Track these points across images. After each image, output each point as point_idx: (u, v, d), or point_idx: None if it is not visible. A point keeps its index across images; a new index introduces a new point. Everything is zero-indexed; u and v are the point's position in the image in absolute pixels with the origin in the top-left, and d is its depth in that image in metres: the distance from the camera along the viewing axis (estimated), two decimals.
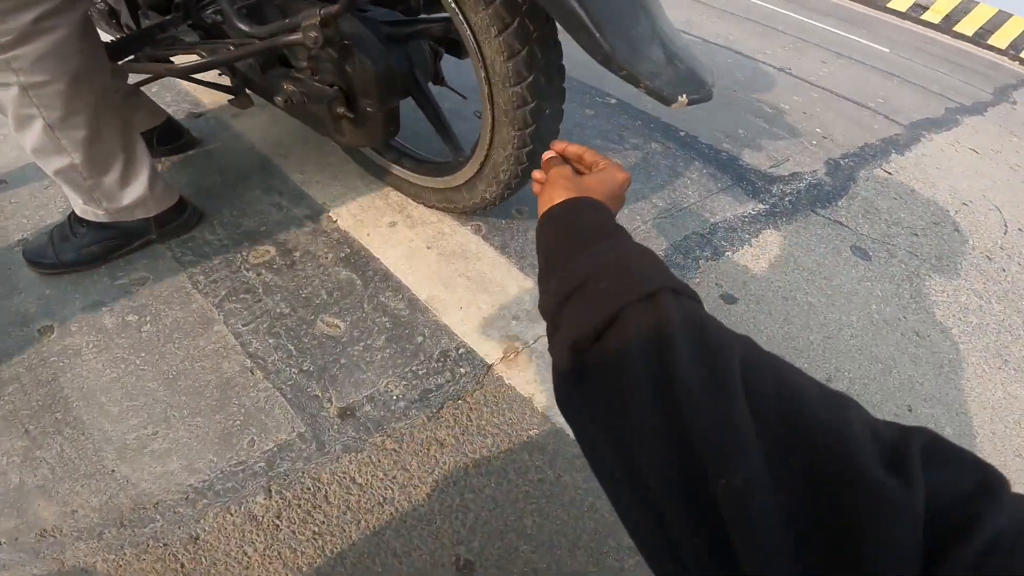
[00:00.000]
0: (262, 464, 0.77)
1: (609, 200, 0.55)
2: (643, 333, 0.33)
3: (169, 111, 1.30)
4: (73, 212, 1.00)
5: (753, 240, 1.44)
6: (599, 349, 0.34)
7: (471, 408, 0.88)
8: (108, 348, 0.88)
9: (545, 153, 0.70)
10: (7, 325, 0.89)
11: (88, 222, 0.98)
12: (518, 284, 1.12)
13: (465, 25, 0.76)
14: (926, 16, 6.51)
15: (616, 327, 0.34)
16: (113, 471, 0.74)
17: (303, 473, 0.77)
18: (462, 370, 0.94)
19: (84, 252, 0.98)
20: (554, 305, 0.40)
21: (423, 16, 0.98)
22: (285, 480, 0.76)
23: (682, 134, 1.89)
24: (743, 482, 0.25)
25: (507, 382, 0.93)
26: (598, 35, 0.61)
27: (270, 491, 0.74)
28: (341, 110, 0.86)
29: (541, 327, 1.03)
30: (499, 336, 1.01)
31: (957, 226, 1.78)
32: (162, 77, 1.04)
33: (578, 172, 0.58)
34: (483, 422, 0.87)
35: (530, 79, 0.77)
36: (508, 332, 1.02)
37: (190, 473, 0.75)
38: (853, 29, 4.71)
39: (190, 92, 1.58)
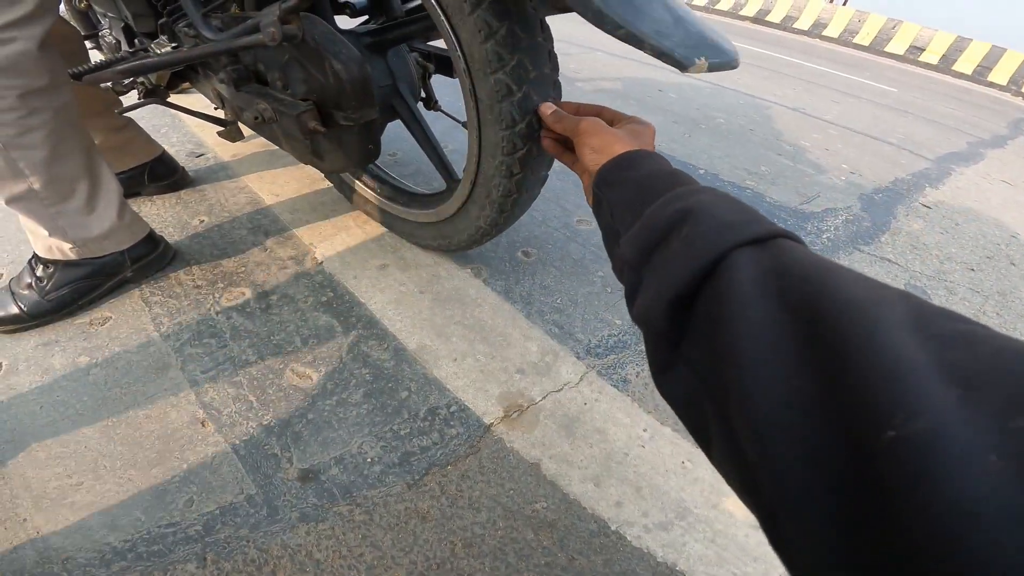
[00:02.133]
0: (198, 528, 0.72)
1: None
2: (763, 276, 0.30)
3: (172, 151, 1.39)
4: (34, 255, 1.01)
5: None
6: (703, 300, 0.33)
7: (462, 476, 0.83)
8: (51, 390, 0.88)
9: (544, 106, 0.77)
10: None
11: (54, 262, 0.99)
12: (523, 333, 1.08)
13: (436, 6, 0.77)
14: (923, 57, 7.36)
15: (723, 273, 0.32)
16: (25, 520, 0.72)
17: (248, 542, 0.71)
18: (453, 431, 0.89)
19: (52, 298, 0.98)
20: (634, 258, 0.39)
21: (397, 18, 1.01)
22: (224, 548, 0.71)
23: (701, 171, 2.00)
24: (928, 429, 0.20)
25: (508, 446, 0.87)
26: None
27: (204, 559, 0.69)
28: (314, 124, 0.88)
29: (550, 381, 0.98)
30: (500, 392, 0.96)
31: (1012, 259, 1.84)
32: (144, 103, 1.11)
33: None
34: (476, 493, 0.81)
35: (513, 63, 0.76)
36: (511, 387, 0.97)
37: (111, 530, 0.71)
38: (857, 72, 5.25)
39: (196, 133, 1.72)
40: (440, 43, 0.90)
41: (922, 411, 0.20)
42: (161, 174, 1.37)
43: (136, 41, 1.16)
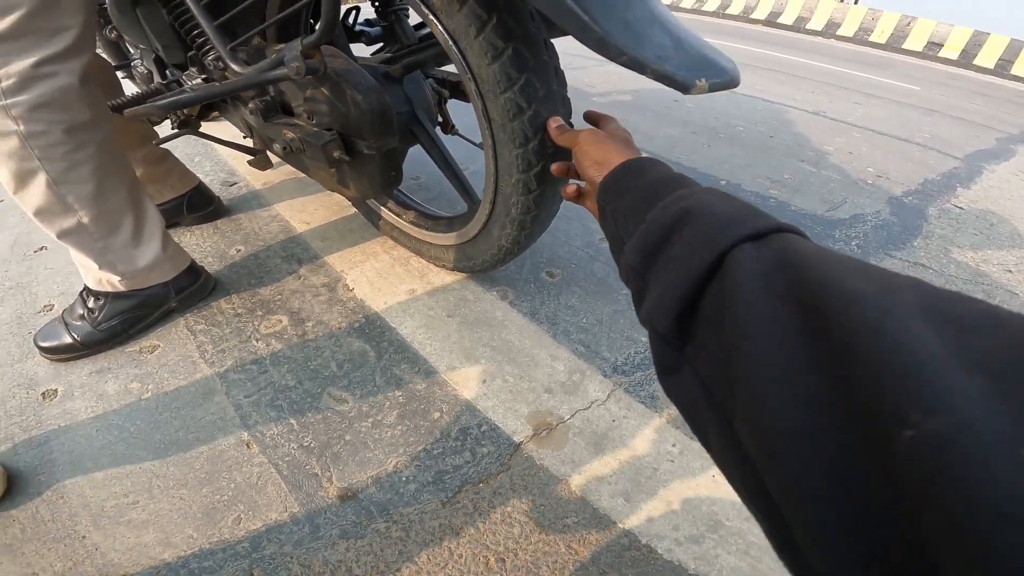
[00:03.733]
0: (246, 544, 0.77)
1: None
2: (766, 272, 0.29)
3: (206, 180, 1.46)
4: (85, 288, 1.07)
5: None
6: (707, 301, 0.32)
7: (494, 493, 0.86)
8: (105, 414, 0.94)
9: (551, 120, 0.80)
10: (14, 387, 1.00)
11: (104, 294, 1.05)
12: (550, 353, 1.11)
13: (444, 32, 0.81)
14: (943, 53, 7.05)
15: (725, 272, 0.32)
16: (84, 537, 0.77)
17: (291, 558, 0.76)
18: (484, 449, 0.92)
19: (104, 328, 1.04)
20: (639, 263, 0.39)
21: (411, 46, 1.05)
22: (270, 564, 0.75)
23: (723, 182, 2.00)
24: (950, 425, 0.19)
25: (538, 463, 0.90)
26: (586, 18, 0.60)
27: (252, 575, 0.74)
28: (338, 153, 0.93)
29: (578, 400, 1.01)
30: (528, 411, 0.99)
31: None
32: (179, 135, 1.18)
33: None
34: (508, 509, 0.84)
35: (522, 81, 0.79)
36: (539, 407, 1.00)
37: (165, 547, 0.76)
38: (876, 71, 5.07)
39: (228, 162, 1.80)
40: (453, 68, 0.95)
41: (942, 407, 0.19)
42: (199, 204, 1.43)
43: (168, 72, 1.22)
